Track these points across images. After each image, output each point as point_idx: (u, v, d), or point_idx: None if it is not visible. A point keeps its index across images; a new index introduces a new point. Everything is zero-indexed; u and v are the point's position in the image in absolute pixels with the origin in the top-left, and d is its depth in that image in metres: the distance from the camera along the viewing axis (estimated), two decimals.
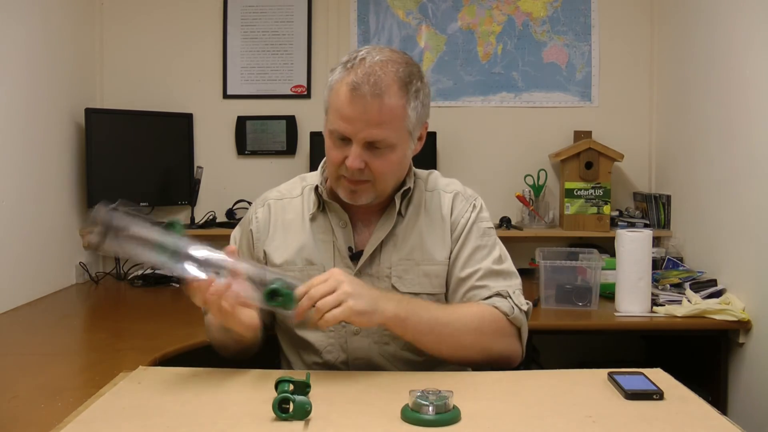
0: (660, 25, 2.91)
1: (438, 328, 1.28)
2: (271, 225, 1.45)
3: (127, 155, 2.79)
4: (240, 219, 1.74)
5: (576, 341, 2.81)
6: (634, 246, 2.12)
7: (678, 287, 2.29)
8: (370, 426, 1.03)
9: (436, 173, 1.51)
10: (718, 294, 2.21)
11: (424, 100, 1.34)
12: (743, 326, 2.08)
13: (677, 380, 1.23)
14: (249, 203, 2.82)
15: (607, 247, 2.55)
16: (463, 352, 1.32)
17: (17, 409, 1.26)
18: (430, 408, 1.03)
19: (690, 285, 2.26)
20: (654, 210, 2.78)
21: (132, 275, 2.74)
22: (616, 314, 2.16)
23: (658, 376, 1.23)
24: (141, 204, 2.83)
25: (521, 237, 2.81)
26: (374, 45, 1.37)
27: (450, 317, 1.30)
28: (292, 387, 1.12)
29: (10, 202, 2.22)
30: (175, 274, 1.17)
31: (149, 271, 2.71)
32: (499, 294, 1.36)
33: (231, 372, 1.28)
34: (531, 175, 2.92)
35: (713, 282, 2.27)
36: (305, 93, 3.02)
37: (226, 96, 3.03)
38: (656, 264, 2.46)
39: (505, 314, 1.33)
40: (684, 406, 1.11)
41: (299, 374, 1.16)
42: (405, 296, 1.33)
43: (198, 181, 2.92)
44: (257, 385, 1.19)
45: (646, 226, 2.72)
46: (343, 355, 1.38)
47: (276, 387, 1.12)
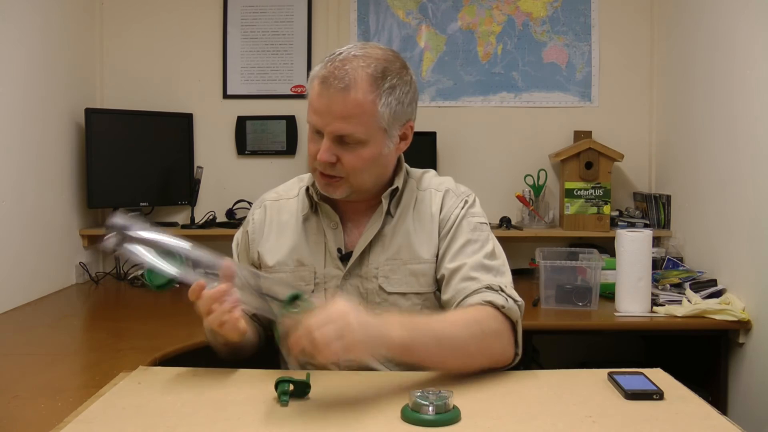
0: (660, 25, 2.90)
1: (445, 343, 1.21)
2: (266, 226, 1.46)
3: (127, 155, 2.79)
4: (240, 219, 1.75)
5: (576, 341, 2.81)
6: (634, 246, 2.12)
7: (678, 287, 2.29)
8: (370, 426, 1.03)
9: (432, 173, 1.50)
10: (718, 294, 2.21)
11: (402, 98, 1.31)
12: (743, 326, 2.08)
13: (677, 380, 1.23)
14: (249, 203, 2.82)
15: (607, 247, 2.55)
16: (470, 360, 1.25)
17: (17, 409, 1.26)
18: (430, 408, 1.03)
19: (690, 285, 2.26)
20: (654, 210, 2.78)
21: (132, 275, 2.74)
22: (616, 314, 2.16)
23: (658, 376, 1.23)
24: (141, 204, 2.83)
25: (521, 237, 2.81)
26: (365, 42, 1.36)
27: (453, 329, 1.23)
28: (292, 387, 1.13)
29: (10, 202, 2.22)
30: (186, 282, 1.20)
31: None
32: (490, 287, 1.31)
33: (231, 372, 1.28)
34: (531, 175, 2.92)
35: (713, 282, 2.27)
36: (305, 93, 3.01)
37: (226, 96, 3.03)
38: (656, 264, 2.45)
39: (501, 306, 1.28)
40: (684, 406, 1.11)
41: (299, 374, 1.16)
42: (403, 315, 1.24)
43: (198, 181, 2.92)
44: (257, 385, 1.19)
45: (646, 226, 2.72)
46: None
47: (276, 387, 1.13)
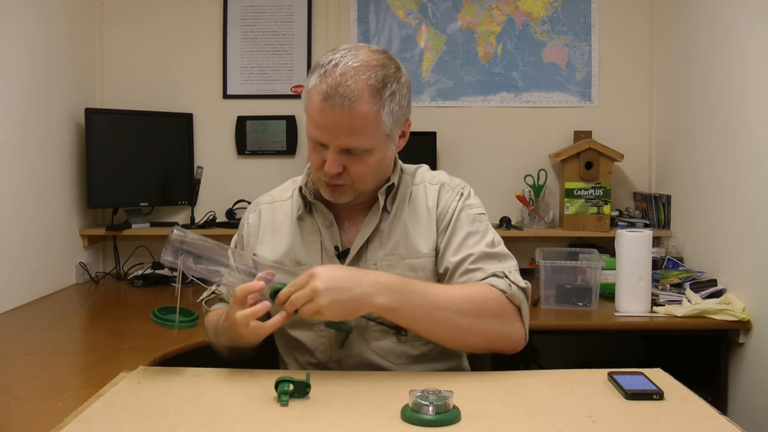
0: (660, 25, 2.90)
1: (435, 314, 1.25)
2: (261, 229, 1.48)
3: (127, 155, 2.79)
4: (240, 219, 1.76)
5: (576, 341, 2.81)
6: (634, 246, 2.12)
7: (678, 287, 2.29)
8: (370, 426, 1.03)
9: (425, 167, 1.51)
10: (718, 294, 2.21)
11: (402, 101, 1.32)
12: (743, 326, 2.08)
13: (677, 380, 1.24)
14: (249, 203, 2.79)
15: (607, 247, 2.55)
16: (463, 336, 1.29)
17: (17, 409, 1.26)
18: (430, 408, 1.03)
19: (690, 285, 2.26)
20: (654, 210, 2.78)
21: (132, 275, 2.74)
22: (616, 314, 2.16)
23: (658, 376, 1.24)
24: (141, 204, 2.84)
25: (521, 237, 2.80)
26: (352, 45, 1.35)
27: (446, 301, 1.26)
28: (292, 387, 1.13)
29: (10, 202, 2.22)
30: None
31: (149, 271, 2.71)
32: (495, 275, 1.33)
33: (231, 372, 1.28)
34: (531, 175, 2.92)
35: (713, 282, 2.27)
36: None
37: (226, 96, 3.03)
38: (656, 264, 2.45)
39: (503, 291, 1.30)
40: (684, 406, 1.11)
41: (299, 374, 1.16)
42: (401, 279, 1.28)
43: (198, 181, 2.92)
44: (257, 385, 1.19)
45: (646, 226, 2.72)
46: (336, 354, 1.38)
47: (276, 387, 1.13)
